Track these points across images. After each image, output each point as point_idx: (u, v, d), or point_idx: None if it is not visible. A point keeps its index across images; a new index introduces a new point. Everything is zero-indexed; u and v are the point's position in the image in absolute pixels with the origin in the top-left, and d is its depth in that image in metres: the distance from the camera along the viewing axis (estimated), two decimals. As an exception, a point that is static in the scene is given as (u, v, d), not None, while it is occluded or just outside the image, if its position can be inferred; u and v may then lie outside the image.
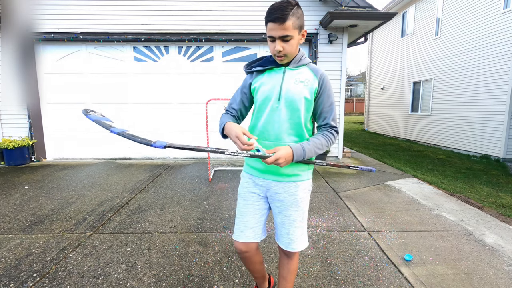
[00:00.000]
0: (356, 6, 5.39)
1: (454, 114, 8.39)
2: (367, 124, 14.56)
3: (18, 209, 3.26)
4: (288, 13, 1.16)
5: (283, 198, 1.35)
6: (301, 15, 1.23)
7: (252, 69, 1.39)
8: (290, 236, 1.38)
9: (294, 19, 1.18)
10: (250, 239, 1.37)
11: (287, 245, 1.39)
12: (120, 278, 1.99)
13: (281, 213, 1.38)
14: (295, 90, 1.28)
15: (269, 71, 1.35)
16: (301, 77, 1.31)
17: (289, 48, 1.24)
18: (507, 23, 6.66)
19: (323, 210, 3.26)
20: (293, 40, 1.23)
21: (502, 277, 2.05)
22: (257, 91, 1.35)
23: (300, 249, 1.39)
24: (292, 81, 1.30)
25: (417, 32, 10.14)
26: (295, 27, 1.20)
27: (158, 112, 6.08)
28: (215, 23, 5.66)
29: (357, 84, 35.22)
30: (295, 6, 1.19)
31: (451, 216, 3.14)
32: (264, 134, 1.33)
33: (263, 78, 1.35)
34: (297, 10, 1.21)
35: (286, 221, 1.38)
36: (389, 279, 2.00)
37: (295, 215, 1.37)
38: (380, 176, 4.85)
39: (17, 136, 5.74)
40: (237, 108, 1.43)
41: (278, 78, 1.31)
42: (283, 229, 1.39)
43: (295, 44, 1.25)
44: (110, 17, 5.58)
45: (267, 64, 1.36)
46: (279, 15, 1.16)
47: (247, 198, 1.41)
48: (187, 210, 3.24)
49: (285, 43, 1.22)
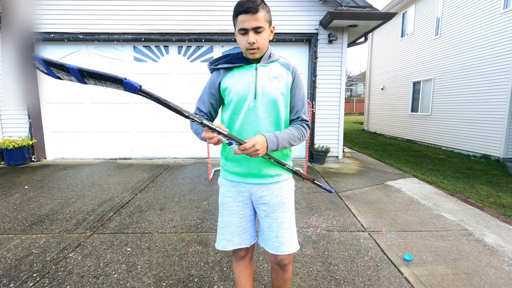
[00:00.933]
0: (356, 6, 5.39)
1: (454, 114, 8.39)
2: (367, 124, 14.56)
3: (18, 209, 3.26)
4: (259, 4, 1.15)
5: (269, 201, 1.31)
6: (269, 11, 1.23)
7: (218, 66, 1.31)
8: (279, 239, 1.31)
9: (264, 12, 1.18)
10: (239, 245, 1.35)
11: (276, 249, 1.31)
12: (120, 278, 1.99)
13: (268, 216, 1.32)
14: (271, 87, 1.25)
15: (238, 68, 1.28)
16: (274, 73, 1.27)
17: (262, 40, 1.20)
18: (507, 23, 6.66)
19: (323, 210, 3.26)
20: (265, 32, 1.21)
21: (502, 277, 2.05)
22: (230, 91, 1.27)
23: (291, 251, 1.31)
24: (266, 77, 1.25)
25: (417, 32, 10.14)
26: (266, 19, 1.19)
27: (158, 112, 6.08)
28: (215, 23, 5.66)
29: (357, 84, 35.23)
30: (263, 1, 1.19)
31: (451, 216, 3.14)
32: (242, 136, 1.25)
33: (234, 76, 1.28)
34: (266, 5, 1.21)
35: (273, 224, 1.31)
36: (389, 279, 2.00)
37: (283, 217, 1.32)
38: (380, 176, 4.85)
39: (17, 136, 5.74)
40: (206, 111, 1.34)
41: (250, 75, 1.25)
42: (271, 233, 1.32)
43: (266, 37, 1.22)
44: (110, 17, 5.58)
45: (235, 61, 1.28)
46: (251, 5, 1.14)
47: (231, 208, 1.34)
48: (187, 210, 3.24)
49: (257, 34, 1.19)
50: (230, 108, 1.28)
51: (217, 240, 1.38)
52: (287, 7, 5.63)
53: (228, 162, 1.33)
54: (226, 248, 1.34)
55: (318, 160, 5.74)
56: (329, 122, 5.87)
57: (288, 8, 5.63)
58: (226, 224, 1.35)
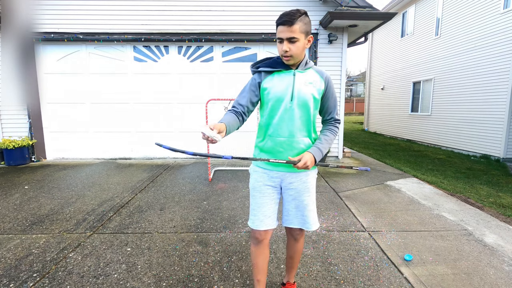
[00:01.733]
0: (356, 6, 5.39)
1: (454, 114, 8.39)
2: (367, 124, 14.56)
3: (18, 209, 3.26)
4: (296, 18, 1.31)
5: (297, 187, 1.53)
6: (308, 23, 1.37)
7: (260, 68, 1.48)
8: (304, 218, 1.55)
9: (301, 24, 1.33)
10: (269, 226, 1.52)
11: (302, 224, 1.57)
12: (120, 278, 1.99)
13: (295, 199, 1.54)
14: (306, 91, 1.43)
15: (278, 72, 1.46)
16: (309, 79, 1.46)
17: (295, 49, 1.36)
18: (507, 23, 6.66)
19: (323, 210, 3.26)
20: (299, 42, 1.35)
21: (502, 277, 2.05)
22: (269, 92, 1.45)
23: (314, 228, 1.56)
24: (302, 82, 1.44)
25: (417, 32, 10.14)
26: (301, 31, 1.34)
27: (158, 112, 6.08)
28: (215, 23, 5.66)
29: (357, 84, 35.22)
30: (303, 14, 1.34)
31: (451, 216, 3.14)
32: (278, 131, 1.46)
33: (274, 79, 1.45)
34: (305, 18, 1.35)
35: (300, 205, 1.55)
36: (389, 279, 2.00)
37: (308, 200, 1.55)
38: (380, 176, 4.85)
39: (17, 136, 5.74)
40: (244, 104, 1.47)
41: (289, 80, 1.44)
42: (298, 213, 1.56)
43: (301, 47, 1.37)
44: (110, 17, 5.59)
45: (276, 66, 1.46)
46: (288, 18, 1.31)
47: (263, 191, 1.52)
48: (187, 210, 3.24)
49: (291, 44, 1.35)
50: (268, 107, 1.47)
51: (250, 220, 1.55)
52: (287, 7, 5.63)
53: (263, 152, 1.53)
54: (259, 228, 1.50)
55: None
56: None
57: (288, 8, 5.62)
58: (259, 205, 1.52)
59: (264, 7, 5.63)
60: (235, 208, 3.30)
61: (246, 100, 1.47)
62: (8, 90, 5.69)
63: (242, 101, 1.47)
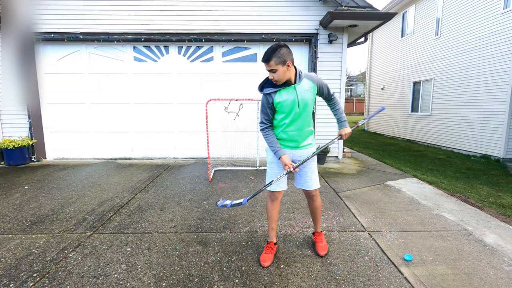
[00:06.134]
0: (356, 6, 5.39)
1: (454, 114, 8.39)
2: (367, 124, 14.56)
3: (18, 209, 3.26)
4: (270, 57, 1.85)
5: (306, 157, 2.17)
6: (282, 54, 1.85)
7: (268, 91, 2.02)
8: (312, 181, 2.20)
9: (275, 59, 1.85)
10: (282, 188, 2.19)
11: (310, 186, 2.21)
12: (120, 278, 1.99)
13: (305, 167, 2.18)
14: (306, 97, 2.04)
15: (283, 89, 2.01)
16: (306, 87, 2.04)
17: (277, 76, 1.92)
18: (507, 23, 6.66)
19: (323, 210, 3.26)
20: (279, 71, 1.89)
21: (502, 277, 2.05)
22: (282, 105, 2.02)
23: (318, 187, 2.23)
24: (303, 91, 2.03)
25: (417, 32, 10.13)
26: (276, 63, 1.86)
27: (158, 112, 6.08)
28: (215, 23, 5.65)
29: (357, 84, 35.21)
30: (277, 49, 1.85)
31: (451, 216, 3.14)
32: (290, 127, 2.09)
33: (282, 94, 2.01)
34: (279, 52, 1.84)
35: (309, 172, 2.19)
36: (389, 279, 2.00)
37: (313, 167, 2.22)
38: (380, 176, 4.85)
39: (17, 136, 5.74)
40: (270, 119, 2.11)
41: (293, 92, 2.01)
42: (306, 178, 2.20)
43: (281, 73, 1.91)
44: (110, 17, 5.58)
45: (280, 86, 2.00)
46: (264, 58, 1.88)
47: (279, 164, 2.17)
48: (187, 210, 3.24)
49: (274, 73, 1.92)
50: (283, 113, 2.06)
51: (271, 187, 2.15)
52: (287, 7, 5.63)
53: (284, 141, 2.14)
54: (276, 189, 2.17)
55: (318, 160, 5.74)
56: (329, 122, 5.87)
57: (288, 8, 5.63)
58: (277, 174, 2.18)
59: (264, 7, 5.63)
60: (235, 208, 3.30)
61: (269, 116, 2.09)
62: (8, 90, 5.69)
63: (267, 117, 2.10)
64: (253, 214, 3.13)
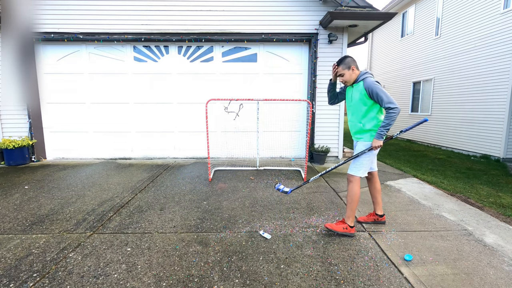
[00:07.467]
0: (356, 6, 5.39)
1: (454, 114, 8.39)
2: (367, 124, 14.54)
3: (18, 209, 3.26)
4: (338, 64, 2.61)
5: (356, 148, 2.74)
6: (348, 62, 2.56)
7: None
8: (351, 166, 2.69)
9: (343, 65, 2.57)
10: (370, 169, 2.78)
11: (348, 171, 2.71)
12: (120, 278, 1.99)
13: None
14: (355, 96, 2.61)
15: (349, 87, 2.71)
16: (358, 88, 2.57)
17: (344, 78, 2.62)
18: (507, 23, 6.66)
19: (323, 210, 3.26)
20: (346, 75, 2.58)
21: (502, 277, 2.05)
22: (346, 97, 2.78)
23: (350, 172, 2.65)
24: (354, 91, 2.62)
25: (417, 32, 10.13)
26: (344, 68, 2.58)
27: (158, 112, 6.08)
28: (215, 23, 5.65)
29: (357, 84, 35.12)
30: (345, 59, 2.58)
31: (451, 216, 3.14)
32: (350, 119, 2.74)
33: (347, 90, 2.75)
34: (345, 60, 2.57)
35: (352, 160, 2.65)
36: (389, 279, 2.00)
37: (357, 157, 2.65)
38: (380, 176, 4.85)
39: (17, 136, 5.74)
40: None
41: (349, 91, 2.70)
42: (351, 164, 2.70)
43: (348, 76, 2.58)
44: (110, 17, 5.58)
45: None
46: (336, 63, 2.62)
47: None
48: (187, 210, 3.24)
49: (341, 77, 2.63)
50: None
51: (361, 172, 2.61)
52: (287, 7, 5.63)
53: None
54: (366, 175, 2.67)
55: (318, 160, 5.74)
56: (329, 122, 5.87)
57: (288, 8, 5.63)
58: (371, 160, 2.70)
59: (264, 7, 5.63)
60: (235, 208, 3.30)
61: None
62: (8, 90, 5.69)
63: None
64: (253, 214, 3.13)
